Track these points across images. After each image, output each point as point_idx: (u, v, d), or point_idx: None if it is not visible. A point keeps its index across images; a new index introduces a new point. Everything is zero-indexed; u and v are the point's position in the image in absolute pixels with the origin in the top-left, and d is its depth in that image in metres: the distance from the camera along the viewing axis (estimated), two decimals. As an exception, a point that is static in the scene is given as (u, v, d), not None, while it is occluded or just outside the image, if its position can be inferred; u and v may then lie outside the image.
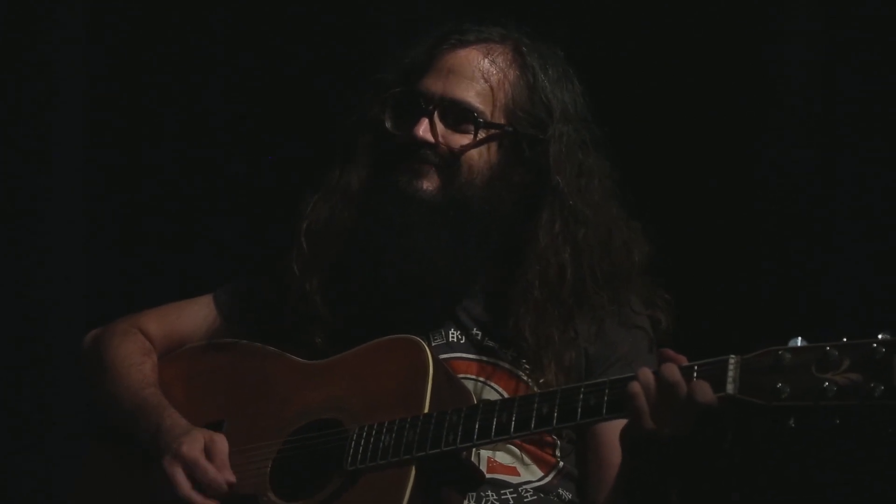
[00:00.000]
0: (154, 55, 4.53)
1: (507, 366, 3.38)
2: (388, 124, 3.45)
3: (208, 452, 3.25)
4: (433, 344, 3.36)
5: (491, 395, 3.34)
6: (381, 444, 3.13)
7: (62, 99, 4.49)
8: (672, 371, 2.91)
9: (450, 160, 3.39)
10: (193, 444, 3.26)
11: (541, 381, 3.32)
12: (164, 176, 4.55)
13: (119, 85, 4.54)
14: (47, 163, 4.49)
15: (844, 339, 2.78)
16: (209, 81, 4.52)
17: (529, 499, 3.33)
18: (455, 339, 3.41)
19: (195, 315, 3.58)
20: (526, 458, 3.35)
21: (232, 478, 3.23)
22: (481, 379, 3.37)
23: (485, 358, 3.39)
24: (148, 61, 4.53)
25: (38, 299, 4.52)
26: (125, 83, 4.54)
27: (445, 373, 3.24)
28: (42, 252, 4.52)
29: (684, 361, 2.94)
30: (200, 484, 3.23)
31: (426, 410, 3.13)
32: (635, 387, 2.93)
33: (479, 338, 3.41)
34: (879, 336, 2.74)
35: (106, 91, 4.53)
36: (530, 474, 3.35)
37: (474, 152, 3.39)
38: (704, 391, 2.87)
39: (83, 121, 4.51)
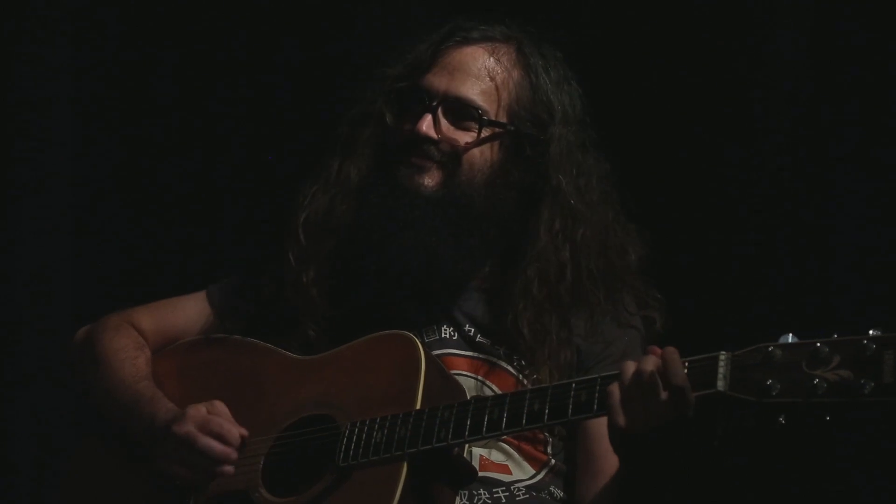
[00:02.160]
0: (146, 52, 4.53)
1: (498, 362, 3.38)
2: (390, 119, 3.45)
3: (211, 412, 3.27)
4: (426, 340, 3.37)
5: (483, 391, 3.34)
6: (373, 441, 3.13)
7: (54, 94, 4.49)
8: (647, 361, 2.91)
9: (452, 157, 3.39)
10: (198, 408, 3.27)
11: (534, 377, 3.32)
12: (156, 172, 4.55)
13: (111, 79, 4.54)
14: (37, 159, 4.49)
15: (835, 336, 2.77)
16: (205, 78, 4.53)
17: (521, 497, 3.33)
18: (448, 336, 3.42)
19: (188, 311, 3.57)
20: (517, 456, 3.35)
21: (244, 431, 3.24)
22: (473, 375, 3.37)
23: (476, 354, 3.40)
24: (140, 57, 4.53)
25: (26, 296, 4.52)
26: (118, 77, 4.54)
27: (438, 369, 3.24)
28: (30, 249, 4.52)
29: None
30: (215, 434, 3.24)
31: (418, 406, 3.13)
32: (614, 384, 2.94)
33: (471, 334, 3.42)
34: (870, 332, 2.74)
35: (98, 85, 4.53)
36: (522, 472, 3.35)
37: (476, 150, 3.40)
38: (674, 369, 2.87)
39: (74, 115, 4.51)
